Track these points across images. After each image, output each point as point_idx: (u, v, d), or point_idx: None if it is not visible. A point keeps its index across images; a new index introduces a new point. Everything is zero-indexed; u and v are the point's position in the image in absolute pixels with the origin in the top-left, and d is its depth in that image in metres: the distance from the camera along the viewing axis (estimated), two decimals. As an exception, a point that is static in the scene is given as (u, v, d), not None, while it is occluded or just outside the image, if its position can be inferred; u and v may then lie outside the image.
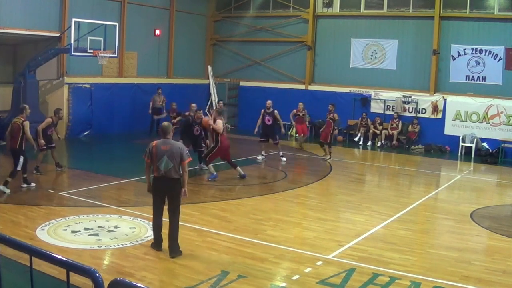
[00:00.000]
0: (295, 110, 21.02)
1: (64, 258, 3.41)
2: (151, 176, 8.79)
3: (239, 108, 28.17)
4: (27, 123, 12.71)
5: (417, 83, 23.88)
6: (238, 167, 15.13)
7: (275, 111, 18.10)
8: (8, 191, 12.24)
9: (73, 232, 9.58)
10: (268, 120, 18.06)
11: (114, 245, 8.93)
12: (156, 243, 8.74)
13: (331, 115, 18.68)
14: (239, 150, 19.06)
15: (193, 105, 17.33)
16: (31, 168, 13.90)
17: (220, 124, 14.62)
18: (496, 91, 22.05)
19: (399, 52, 24.27)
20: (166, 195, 8.61)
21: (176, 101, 23.21)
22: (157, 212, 8.70)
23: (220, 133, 14.61)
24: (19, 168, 12.57)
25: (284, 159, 18.21)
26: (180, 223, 9.36)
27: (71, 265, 3.32)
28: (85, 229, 9.77)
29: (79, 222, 10.18)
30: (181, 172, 8.63)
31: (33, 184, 13.07)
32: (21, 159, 12.54)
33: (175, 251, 8.50)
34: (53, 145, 14.97)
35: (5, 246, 3.77)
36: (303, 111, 21.10)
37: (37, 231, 9.51)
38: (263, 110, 18.29)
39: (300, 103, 21.18)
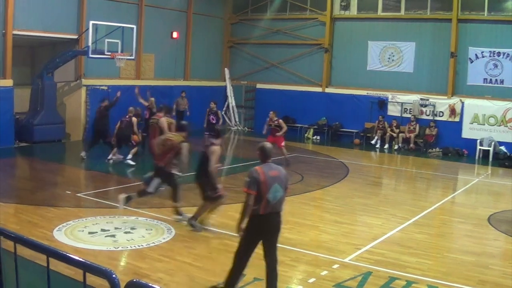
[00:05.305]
0: None
1: (80, 259, 3.44)
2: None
3: (256, 111, 28.15)
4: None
5: (435, 86, 23.71)
6: None
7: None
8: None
9: (90, 233, 9.64)
10: (213, 119, 20.11)
11: (131, 247, 8.96)
12: None
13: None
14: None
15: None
16: None
17: None
18: (514, 94, 21.86)
19: (417, 54, 24.12)
20: (269, 236, 7.21)
21: (193, 103, 23.25)
22: (246, 261, 7.25)
23: None
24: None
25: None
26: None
27: (87, 266, 3.34)
28: (102, 230, 9.83)
29: (96, 223, 10.24)
30: None
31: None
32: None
33: None
34: None
35: (22, 246, 3.80)
36: None
37: (54, 232, 9.57)
38: (208, 109, 20.50)
39: None
